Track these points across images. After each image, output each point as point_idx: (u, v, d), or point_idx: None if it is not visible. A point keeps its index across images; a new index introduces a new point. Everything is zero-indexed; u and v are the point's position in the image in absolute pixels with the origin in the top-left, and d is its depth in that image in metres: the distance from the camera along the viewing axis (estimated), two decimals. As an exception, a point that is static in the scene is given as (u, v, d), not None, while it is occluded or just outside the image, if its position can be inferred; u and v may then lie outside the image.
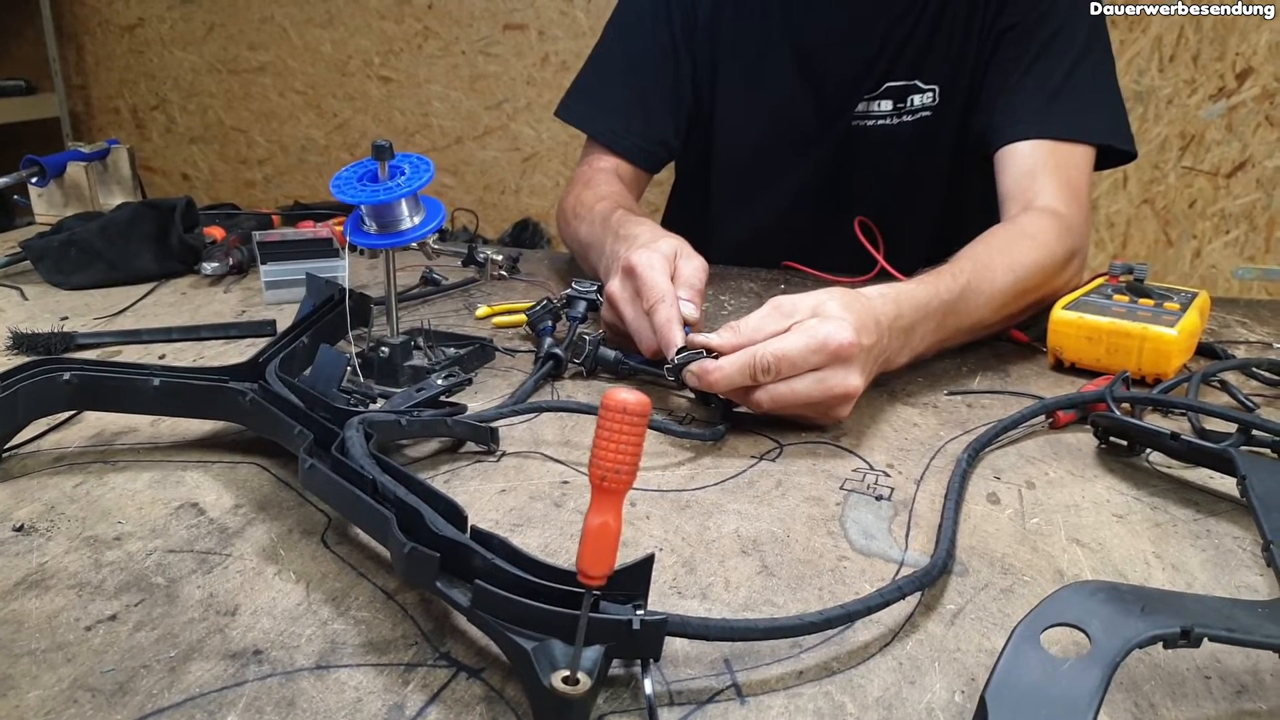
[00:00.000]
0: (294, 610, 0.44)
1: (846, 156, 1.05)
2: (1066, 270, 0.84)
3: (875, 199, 1.07)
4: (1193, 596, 0.39)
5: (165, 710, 0.37)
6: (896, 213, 1.05)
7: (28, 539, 0.49)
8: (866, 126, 1.03)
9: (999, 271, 0.76)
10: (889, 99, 1.02)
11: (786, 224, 1.12)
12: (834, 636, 0.43)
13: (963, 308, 0.73)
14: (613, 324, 0.75)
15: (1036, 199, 0.87)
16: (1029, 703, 0.33)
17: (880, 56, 1.00)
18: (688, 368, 0.63)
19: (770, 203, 1.11)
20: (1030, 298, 0.81)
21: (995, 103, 0.94)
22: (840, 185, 1.08)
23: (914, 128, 1.02)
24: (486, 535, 0.42)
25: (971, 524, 0.53)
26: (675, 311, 0.67)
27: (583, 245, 0.94)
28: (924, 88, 1.01)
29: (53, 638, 0.42)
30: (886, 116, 1.02)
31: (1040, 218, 0.84)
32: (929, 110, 1.02)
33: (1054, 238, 0.82)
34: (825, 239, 1.10)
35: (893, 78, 1.01)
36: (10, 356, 0.76)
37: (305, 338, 0.66)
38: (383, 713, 0.38)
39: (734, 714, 0.38)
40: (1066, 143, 0.90)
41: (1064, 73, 0.91)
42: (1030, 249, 0.80)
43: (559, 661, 0.36)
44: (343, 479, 0.46)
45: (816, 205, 1.10)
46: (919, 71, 1.00)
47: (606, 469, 0.35)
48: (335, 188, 0.66)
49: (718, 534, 0.51)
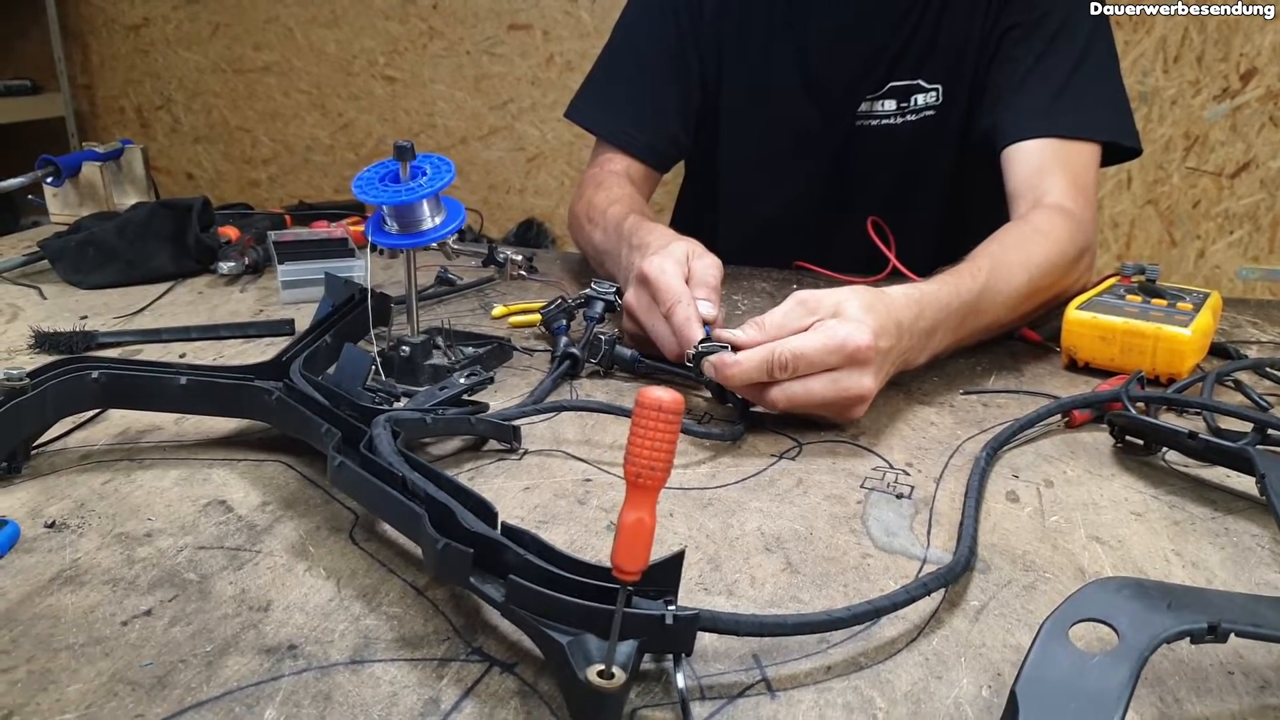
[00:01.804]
0: (326, 606, 0.45)
1: (851, 156, 1.06)
2: (1078, 267, 0.85)
3: (880, 198, 1.08)
4: (1217, 592, 0.40)
5: (205, 704, 0.38)
6: (901, 212, 1.06)
7: (60, 535, 0.50)
8: (871, 126, 1.04)
9: (1015, 270, 0.77)
10: (892, 99, 1.03)
11: (792, 223, 1.12)
12: (861, 632, 0.43)
13: (982, 307, 0.74)
14: (635, 333, 0.76)
15: (1045, 196, 0.87)
16: (1059, 697, 0.34)
17: (882, 56, 1.01)
18: (707, 359, 0.63)
19: (776, 202, 1.12)
20: (1044, 295, 0.81)
21: (1000, 102, 0.95)
22: (845, 184, 1.09)
23: (917, 127, 1.03)
24: (518, 531, 0.42)
25: (992, 522, 0.54)
26: (692, 311, 0.67)
27: (598, 251, 0.95)
28: (927, 87, 1.01)
29: (90, 632, 0.42)
30: (890, 116, 1.03)
31: (1051, 215, 0.84)
32: (932, 110, 1.02)
33: (1065, 235, 0.83)
34: (832, 237, 1.11)
35: (896, 77, 1.01)
36: (33, 355, 0.76)
37: (328, 337, 0.66)
38: (418, 707, 0.38)
39: (765, 708, 0.39)
40: (1072, 140, 0.90)
41: (1068, 71, 0.92)
42: (1044, 246, 0.80)
43: (593, 656, 0.37)
44: (373, 476, 0.47)
45: (822, 204, 1.10)
46: (922, 71, 1.01)
47: (642, 466, 0.36)
48: (358, 188, 0.66)
49: (741, 531, 0.52)
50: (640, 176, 1.06)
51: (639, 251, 0.79)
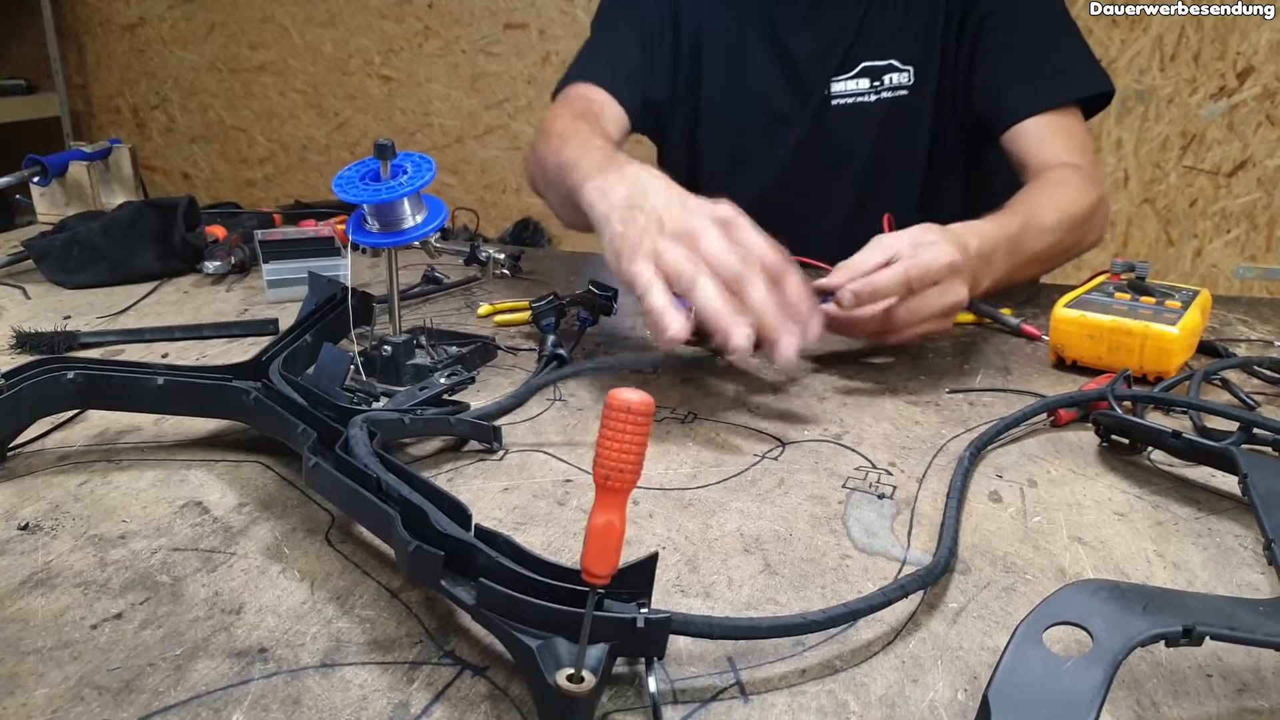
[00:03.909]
0: (299, 609, 0.44)
1: (825, 134, 1.09)
2: (1097, 212, 0.93)
3: (858, 177, 1.10)
4: (1194, 595, 0.39)
5: (172, 708, 0.38)
6: (880, 191, 1.09)
7: (33, 538, 0.50)
8: (845, 105, 1.07)
9: (1046, 209, 0.86)
10: (865, 78, 1.06)
11: (773, 201, 1.13)
12: (837, 635, 0.43)
13: (1025, 240, 0.83)
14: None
15: (1051, 160, 0.95)
16: (1032, 701, 0.34)
17: (845, 35, 1.05)
18: (847, 288, 0.69)
19: (755, 181, 1.13)
20: (1073, 236, 0.89)
21: (991, 87, 1.01)
22: (822, 163, 1.10)
23: (890, 105, 1.06)
24: (491, 534, 0.42)
25: (973, 522, 0.53)
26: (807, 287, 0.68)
27: (568, 163, 0.81)
28: (901, 67, 1.05)
29: (59, 636, 0.42)
30: (864, 94, 1.06)
31: (1064, 170, 0.93)
32: (905, 89, 1.05)
33: (1079, 182, 0.91)
34: (813, 216, 1.12)
35: (866, 57, 1.05)
36: (14, 355, 0.76)
37: (308, 336, 0.66)
38: (388, 711, 0.38)
39: (738, 712, 0.38)
40: (1059, 110, 0.97)
41: (1046, 43, 1.00)
42: (1065, 191, 0.89)
43: (564, 660, 0.36)
44: (347, 477, 0.47)
45: (800, 183, 1.12)
46: (894, 51, 1.04)
47: (610, 468, 0.35)
48: (338, 187, 0.66)
49: (720, 532, 0.52)
50: (615, 119, 1.05)
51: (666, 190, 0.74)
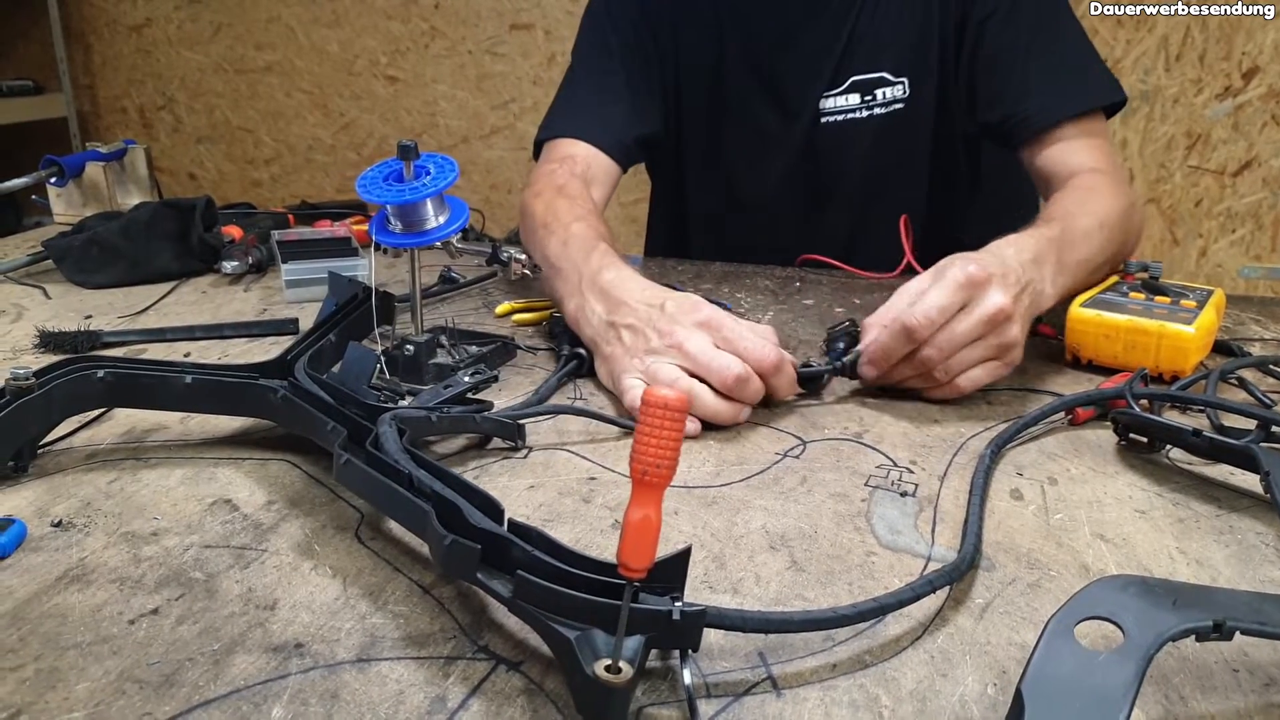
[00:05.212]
0: (332, 604, 0.45)
1: (818, 151, 1.07)
2: (1131, 217, 0.89)
3: (855, 192, 1.08)
4: (1222, 590, 0.40)
5: (213, 701, 0.38)
6: (880, 205, 1.07)
7: (66, 534, 0.50)
8: (836, 122, 1.05)
9: (1082, 216, 0.81)
10: (855, 92, 1.04)
11: (770, 223, 1.13)
12: (865, 630, 0.43)
13: (1071, 245, 0.76)
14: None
15: (1079, 168, 0.92)
16: (1064, 695, 0.34)
17: (831, 51, 1.02)
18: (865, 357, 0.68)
19: (750, 202, 1.12)
20: (1117, 240, 0.85)
21: (1006, 96, 0.97)
22: (817, 180, 1.09)
23: (885, 120, 1.04)
24: (524, 528, 0.42)
25: (996, 519, 0.54)
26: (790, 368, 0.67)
27: (547, 261, 0.83)
28: (893, 80, 1.03)
29: (97, 631, 0.42)
30: (855, 110, 1.04)
31: (1090, 176, 0.90)
32: (900, 102, 1.03)
33: (1109, 188, 0.88)
34: (809, 233, 1.11)
35: (855, 71, 1.03)
36: (38, 355, 0.76)
37: (332, 336, 0.66)
38: (425, 705, 0.38)
39: (770, 706, 0.39)
40: (1082, 118, 0.94)
41: (1057, 50, 0.96)
42: (1098, 197, 0.85)
43: (601, 651, 0.37)
44: (379, 474, 0.47)
45: (796, 202, 1.11)
46: (884, 64, 1.02)
47: (648, 463, 0.36)
48: (361, 187, 0.66)
49: (746, 530, 0.52)
50: (602, 171, 1.01)
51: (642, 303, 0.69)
